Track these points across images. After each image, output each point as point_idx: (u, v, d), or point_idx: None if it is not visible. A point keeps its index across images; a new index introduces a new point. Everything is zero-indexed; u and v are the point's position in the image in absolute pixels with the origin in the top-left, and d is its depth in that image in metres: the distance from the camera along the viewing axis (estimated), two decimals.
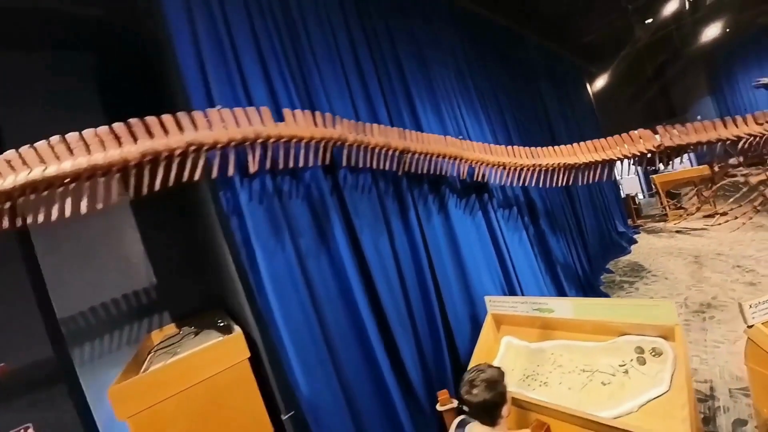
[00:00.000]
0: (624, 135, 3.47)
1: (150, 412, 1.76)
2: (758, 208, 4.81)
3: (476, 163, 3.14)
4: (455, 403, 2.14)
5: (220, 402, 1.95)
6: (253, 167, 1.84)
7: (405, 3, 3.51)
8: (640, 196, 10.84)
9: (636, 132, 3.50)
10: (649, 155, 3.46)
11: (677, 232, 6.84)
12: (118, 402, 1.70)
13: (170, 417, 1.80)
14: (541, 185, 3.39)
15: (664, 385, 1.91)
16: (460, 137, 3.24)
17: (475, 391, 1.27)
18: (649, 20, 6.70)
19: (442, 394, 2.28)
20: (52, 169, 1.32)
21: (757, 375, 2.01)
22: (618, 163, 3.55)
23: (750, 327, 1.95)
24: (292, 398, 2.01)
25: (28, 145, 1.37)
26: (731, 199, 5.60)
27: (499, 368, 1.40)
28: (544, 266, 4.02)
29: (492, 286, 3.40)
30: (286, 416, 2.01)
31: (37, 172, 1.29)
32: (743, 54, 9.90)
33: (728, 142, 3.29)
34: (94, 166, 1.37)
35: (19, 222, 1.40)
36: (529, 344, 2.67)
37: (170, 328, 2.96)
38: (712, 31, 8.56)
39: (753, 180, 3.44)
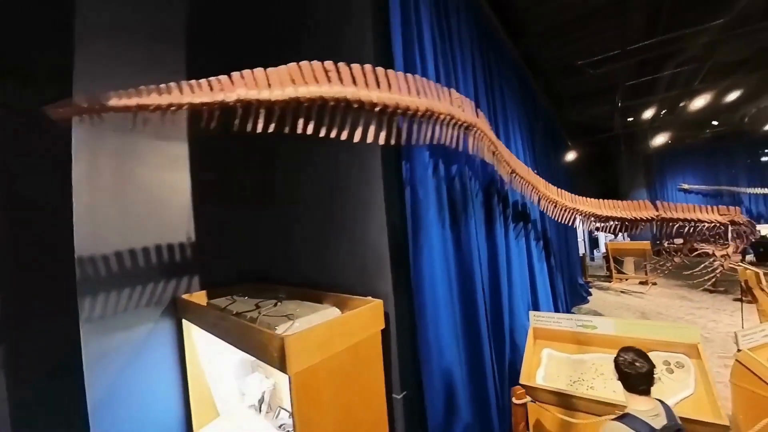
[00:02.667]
0: (637, 201, 4.39)
1: (310, 371, 1.63)
2: (710, 288, 6.24)
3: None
4: (529, 398, 2.47)
5: (355, 373, 1.88)
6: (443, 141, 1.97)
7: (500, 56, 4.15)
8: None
9: (643, 201, 4.45)
10: (642, 222, 4.41)
11: (622, 291, 8.22)
12: (294, 352, 1.54)
13: (321, 381, 1.70)
14: (582, 227, 4.11)
15: (690, 389, 2.52)
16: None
17: (640, 362, 1.55)
18: (630, 119, 8.39)
19: (519, 389, 2.60)
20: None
21: (740, 390, 2.73)
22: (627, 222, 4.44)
23: (739, 351, 2.68)
24: (410, 376, 2.11)
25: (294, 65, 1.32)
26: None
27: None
28: (551, 292, 4.70)
29: (522, 302, 3.93)
30: (401, 395, 2.08)
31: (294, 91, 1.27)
32: (675, 162, 12.60)
33: (702, 224, 4.36)
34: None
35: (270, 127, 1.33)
36: (570, 356, 3.18)
37: (200, 296, 2.75)
38: (659, 140, 10.79)
39: (720, 262, 4.58)
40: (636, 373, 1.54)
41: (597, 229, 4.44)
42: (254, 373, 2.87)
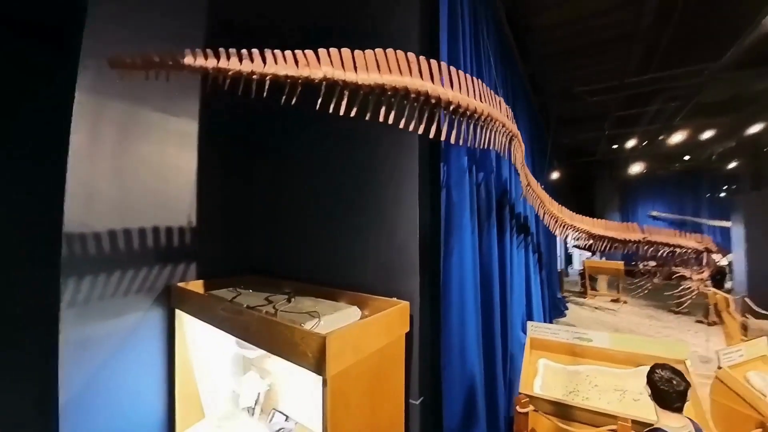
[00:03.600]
0: (627, 224, 4.66)
1: (343, 375, 1.52)
2: (674, 309, 6.70)
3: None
4: (532, 407, 2.54)
5: (379, 377, 1.80)
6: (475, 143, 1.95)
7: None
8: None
9: (630, 223, 4.73)
10: (630, 243, 4.69)
11: (596, 308, 8.64)
12: (334, 353, 1.44)
13: (351, 385, 1.60)
14: (578, 243, 4.30)
15: None
16: None
17: (677, 380, 1.55)
18: (615, 146, 8.92)
19: (522, 397, 2.67)
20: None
21: (718, 405, 2.95)
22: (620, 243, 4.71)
23: (719, 369, 2.90)
24: (429, 382, 2.08)
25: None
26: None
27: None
28: (542, 304, 4.89)
29: (518, 312, 4.06)
30: (418, 401, 2.04)
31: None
32: (647, 190, 13.50)
33: (681, 249, 4.70)
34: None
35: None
36: (566, 366, 3.31)
37: (197, 285, 2.59)
38: (636, 168, 11.50)
39: (694, 284, 4.97)
40: (673, 390, 1.54)
41: (588, 246, 4.67)
42: (249, 373, 2.73)
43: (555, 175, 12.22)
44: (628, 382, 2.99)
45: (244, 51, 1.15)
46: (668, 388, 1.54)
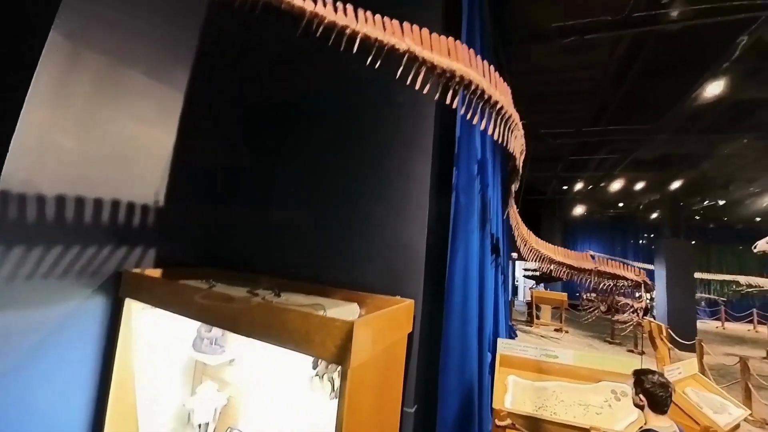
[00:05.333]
0: (582, 253, 5.14)
1: (362, 369, 1.42)
2: (609, 339, 7.36)
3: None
4: (509, 420, 2.61)
5: (384, 377, 1.69)
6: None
7: None
8: None
9: (584, 253, 5.23)
10: (584, 271, 5.16)
11: (542, 336, 9.20)
12: (358, 342, 1.33)
13: (364, 383, 1.49)
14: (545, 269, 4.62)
15: (634, 415, 2.94)
16: None
17: (667, 383, 1.69)
18: (564, 187, 9.94)
19: (501, 411, 2.72)
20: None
21: None
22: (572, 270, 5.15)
23: None
24: (424, 389, 2.01)
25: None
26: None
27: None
28: (505, 324, 5.10)
29: (489, 328, 4.19)
30: (413, 409, 1.96)
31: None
32: (585, 231, 15.07)
33: (626, 280, 5.27)
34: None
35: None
36: (533, 382, 3.45)
37: (154, 273, 2.25)
38: (578, 210, 12.82)
39: (621, 318, 5.58)
40: (666, 394, 1.64)
41: (548, 273, 5.04)
42: (206, 383, 2.37)
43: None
44: (589, 396, 3.20)
45: (339, 3, 1.13)
46: (663, 392, 1.65)
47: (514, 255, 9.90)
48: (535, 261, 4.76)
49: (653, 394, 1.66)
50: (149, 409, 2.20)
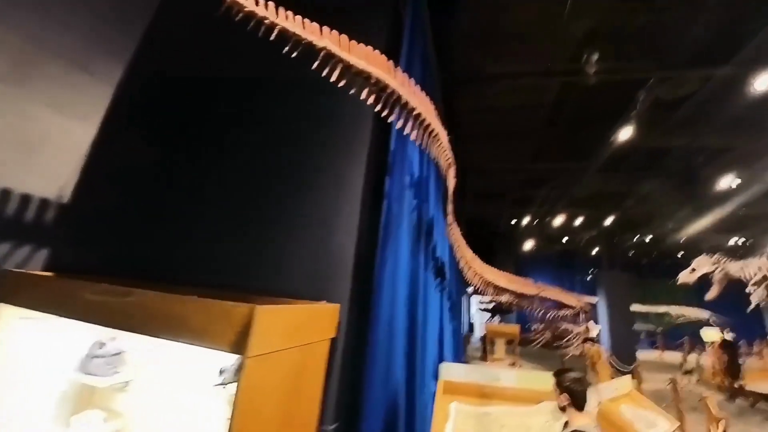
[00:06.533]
0: (523, 278, 5.31)
1: (265, 359, 1.33)
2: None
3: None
4: None
5: (297, 386, 1.58)
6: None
7: None
8: None
9: (526, 279, 5.42)
10: (527, 297, 5.32)
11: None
12: (259, 330, 1.25)
13: (268, 387, 1.40)
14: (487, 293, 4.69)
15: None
16: None
17: (584, 379, 1.75)
18: (513, 221, 10.51)
19: None
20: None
21: None
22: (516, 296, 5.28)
23: (599, 403, 3.28)
24: (346, 405, 1.88)
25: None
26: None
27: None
28: (453, 352, 4.99)
29: (431, 356, 4.07)
30: (332, 427, 1.81)
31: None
32: (535, 265, 15.82)
33: (568, 307, 5.48)
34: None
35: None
36: (477, 408, 3.32)
37: (44, 277, 1.98)
38: (528, 245, 13.52)
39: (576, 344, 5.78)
40: (582, 388, 1.70)
41: (496, 306, 5.14)
42: (88, 412, 1.99)
43: None
44: (531, 419, 3.12)
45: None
46: (580, 387, 1.69)
47: (470, 290, 10.01)
48: (480, 286, 4.83)
49: (573, 390, 1.69)
50: None
